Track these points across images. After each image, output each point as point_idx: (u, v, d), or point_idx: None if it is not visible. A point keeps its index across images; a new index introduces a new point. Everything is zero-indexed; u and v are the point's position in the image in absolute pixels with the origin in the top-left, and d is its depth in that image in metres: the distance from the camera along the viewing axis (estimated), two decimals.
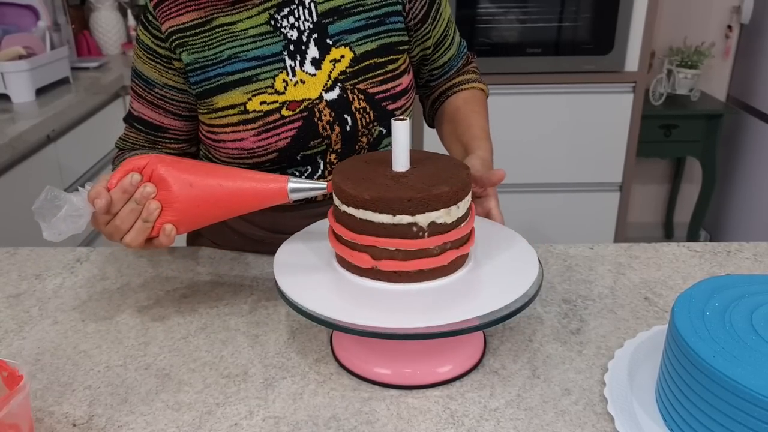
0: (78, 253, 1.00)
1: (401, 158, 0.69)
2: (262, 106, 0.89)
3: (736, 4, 2.72)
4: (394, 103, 0.93)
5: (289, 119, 0.89)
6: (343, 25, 0.90)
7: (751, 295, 0.63)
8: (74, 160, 1.94)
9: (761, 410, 0.51)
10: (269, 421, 0.64)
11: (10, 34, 2.01)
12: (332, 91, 0.90)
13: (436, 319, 0.62)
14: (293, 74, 0.90)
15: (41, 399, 0.68)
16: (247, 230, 1.02)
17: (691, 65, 2.65)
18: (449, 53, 1.05)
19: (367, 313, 0.64)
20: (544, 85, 2.28)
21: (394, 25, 0.93)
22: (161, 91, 0.93)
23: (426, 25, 0.97)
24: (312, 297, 0.67)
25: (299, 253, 0.77)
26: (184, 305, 0.85)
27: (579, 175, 2.40)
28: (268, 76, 0.89)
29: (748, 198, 2.74)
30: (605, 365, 0.71)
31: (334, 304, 0.66)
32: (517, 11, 2.24)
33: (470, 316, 0.63)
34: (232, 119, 0.89)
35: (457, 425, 0.63)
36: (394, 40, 0.93)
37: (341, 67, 0.90)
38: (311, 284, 0.70)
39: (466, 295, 0.67)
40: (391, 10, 0.92)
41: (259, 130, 0.89)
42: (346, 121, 0.91)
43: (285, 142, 0.90)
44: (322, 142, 0.92)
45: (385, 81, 0.92)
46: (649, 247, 1.00)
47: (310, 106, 0.90)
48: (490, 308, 0.63)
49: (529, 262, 0.72)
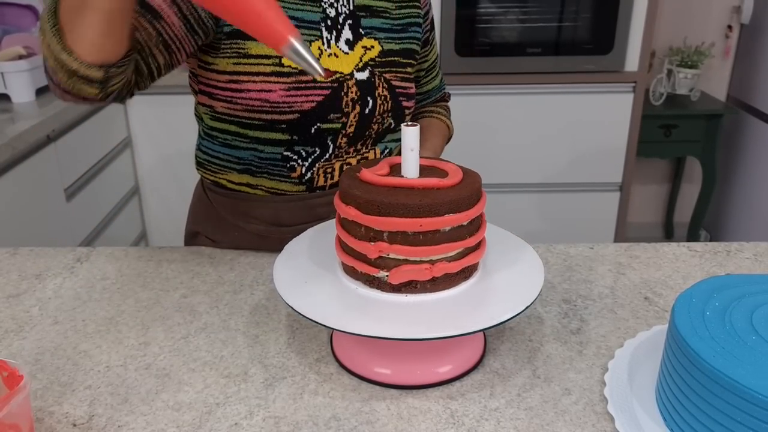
0: (78, 253, 1.00)
1: (411, 164, 0.69)
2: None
3: (736, 4, 2.72)
4: (407, 101, 1.00)
5: (320, 84, 0.91)
6: (374, 22, 0.97)
7: (751, 295, 0.63)
8: (74, 160, 1.94)
9: (761, 410, 0.51)
10: (269, 421, 0.64)
11: (10, 34, 2.01)
12: (363, 72, 0.95)
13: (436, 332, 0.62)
14: (328, 46, 0.93)
15: (41, 399, 0.68)
16: (246, 224, 1.02)
17: (691, 65, 2.65)
18: (433, 83, 1.16)
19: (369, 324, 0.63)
20: (544, 85, 2.28)
21: (414, 34, 1.01)
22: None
23: (427, 48, 1.08)
24: (313, 304, 0.66)
25: (301, 257, 0.76)
26: (184, 305, 0.85)
27: (579, 175, 2.40)
28: (305, 39, 0.89)
29: (748, 198, 2.73)
30: (605, 365, 0.71)
31: (335, 312, 0.65)
32: (517, 11, 2.24)
33: (473, 329, 0.62)
34: (265, 69, 0.89)
35: (457, 425, 0.63)
36: (413, 47, 1.01)
37: (371, 54, 0.96)
38: (312, 291, 0.69)
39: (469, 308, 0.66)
40: (413, 21, 1.01)
41: (291, 85, 0.90)
42: (368, 103, 0.95)
43: (310, 105, 0.91)
44: (340, 118, 0.93)
45: (404, 79, 1.00)
46: (649, 247, 1.00)
47: (341, 79, 0.93)
48: (492, 322, 0.63)
49: (534, 270, 0.72)
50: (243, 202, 1.01)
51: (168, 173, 2.39)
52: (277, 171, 0.96)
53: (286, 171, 0.96)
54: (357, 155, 0.98)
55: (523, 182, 2.41)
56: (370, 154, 1.00)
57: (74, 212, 1.92)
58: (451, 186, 0.67)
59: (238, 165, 0.98)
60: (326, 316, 0.64)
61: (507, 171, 2.38)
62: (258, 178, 0.98)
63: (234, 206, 1.02)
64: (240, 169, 0.98)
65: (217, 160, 1.00)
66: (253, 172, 0.98)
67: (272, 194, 0.99)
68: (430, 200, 0.64)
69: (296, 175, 0.96)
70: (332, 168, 0.97)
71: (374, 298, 0.67)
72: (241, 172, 0.98)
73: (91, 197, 2.04)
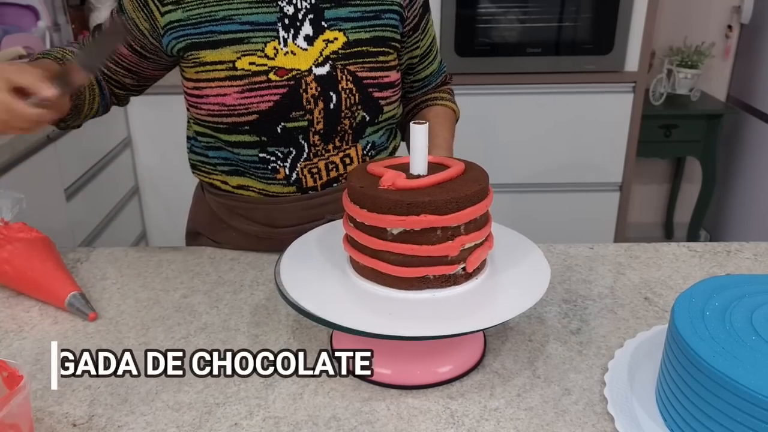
0: (78, 253, 1.00)
1: (419, 161, 0.69)
2: (251, 66, 0.90)
3: (736, 4, 2.72)
4: (380, 92, 0.96)
5: (275, 84, 0.91)
6: (340, 12, 0.93)
7: (751, 295, 0.63)
8: (74, 160, 1.94)
9: (761, 410, 0.51)
10: (269, 421, 0.64)
11: (10, 34, 2.01)
12: (322, 66, 0.92)
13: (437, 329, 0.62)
14: (285, 45, 0.91)
15: (41, 399, 0.68)
16: (244, 226, 1.02)
17: (691, 65, 2.65)
18: (431, 68, 1.11)
19: (370, 318, 0.64)
20: (544, 85, 2.28)
21: (388, 21, 0.96)
22: (127, 21, 0.93)
23: (417, 34, 1.03)
24: (315, 300, 0.67)
25: (305, 254, 0.76)
26: (184, 305, 0.85)
27: (579, 175, 2.40)
28: (259, 41, 0.90)
29: (748, 198, 2.73)
30: (605, 365, 0.71)
31: (336, 308, 0.66)
32: (517, 11, 2.23)
33: (474, 328, 0.63)
34: (219, 74, 0.90)
35: (457, 425, 0.63)
36: (387, 35, 0.96)
37: (333, 47, 0.93)
38: (315, 287, 0.70)
39: (473, 306, 0.67)
40: (387, 8, 0.96)
41: (244, 88, 0.90)
42: (331, 98, 0.93)
43: (267, 105, 0.91)
44: (304, 115, 0.92)
45: (375, 69, 0.95)
46: (649, 247, 1.00)
47: (298, 76, 0.91)
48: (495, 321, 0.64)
49: (540, 272, 0.72)
50: (237, 204, 1.01)
51: (168, 173, 2.39)
52: (261, 173, 0.97)
53: (270, 173, 0.96)
54: (339, 152, 0.97)
55: (524, 182, 2.41)
56: (352, 151, 0.98)
57: (74, 212, 1.92)
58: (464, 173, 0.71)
59: (226, 166, 0.99)
60: (338, 314, 0.65)
61: (507, 171, 2.38)
62: (248, 179, 0.98)
63: (230, 207, 1.02)
64: (228, 170, 0.99)
65: (206, 162, 1.01)
66: (242, 173, 0.98)
67: (264, 196, 0.99)
68: (477, 185, 0.68)
69: (281, 177, 0.96)
70: (317, 168, 0.97)
71: (384, 295, 0.68)
72: (229, 173, 0.99)
73: (91, 197, 2.04)
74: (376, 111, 0.97)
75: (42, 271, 0.85)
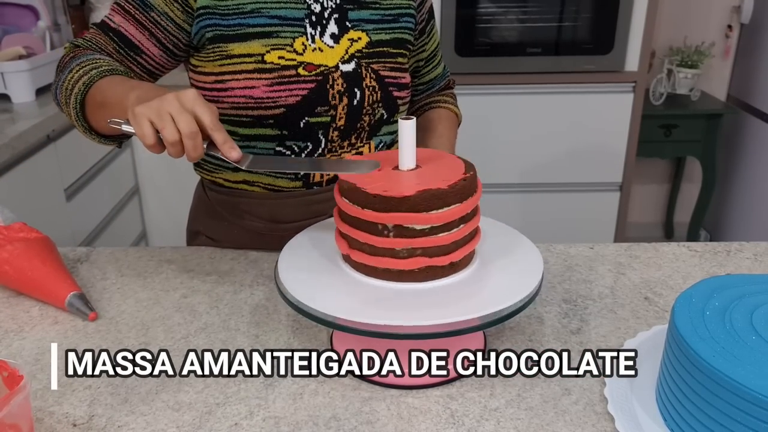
0: (78, 253, 1.00)
1: (407, 156, 0.71)
2: (280, 60, 0.91)
3: (736, 4, 2.72)
4: (398, 92, 0.99)
5: (303, 78, 0.92)
6: (362, 14, 0.97)
7: (751, 295, 0.63)
8: (74, 160, 1.94)
9: (761, 410, 0.51)
10: (269, 421, 0.64)
11: (10, 34, 2.01)
12: (348, 63, 0.94)
13: (434, 318, 0.63)
14: (312, 41, 0.93)
15: (41, 399, 0.68)
16: (247, 223, 1.02)
17: (691, 65, 2.65)
18: (436, 71, 1.15)
19: (368, 311, 0.64)
20: (544, 85, 2.28)
21: (406, 24, 1.00)
22: (157, 17, 0.91)
23: (424, 37, 1.07)
24: (312, 294, 0.67)
25: (301, 253, 0.77)
26: (184, 305, 0.85)
27: (579, 175, 2.40)
28: (288, 36, 0.91)
29: (748, 198, 2.73)
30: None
31: (334, 301, 0.66)
32: (517, 11, 2.23)
33: (471, 316, 0.63)
34: (247, 66, 0.90)
35: (457, 425, 0.63)
36: (405, 37, 1.00)
37: (358, 46, 0.95)
38: (312, 281, 0.70)
39: (468, 295, 0.67)
40: (404, 11, 1.00)
41: (273, 81, 0.91)
42: (355, 95, 0.95)
43: (295, 99, 0.91)
44: (328, 111, 0.93)
45: (394, 69, 0.99)
46: (649, 246, 1.00)
47: (326, 72, 0.93)
48: (490, 309, 0.64)
49: (533, 264, 0.73)
50: (241, 200, 1.01)
51: (168, 173, 2.39)
52: None
53: None
54: (352, 149, 0.98)
55: (524, 182, 2.41)
56: (365, 149, 0.99)
57: (74, 212, 1.92)
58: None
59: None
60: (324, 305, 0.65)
61: (507, 171, 2.38)
62: (255, 174, 0.98)
63: (233, 204, 1.02)
64: (234, 167, 0.98)
65: (212, 159, 1.00)
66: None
67: (270, 191, 0.99)
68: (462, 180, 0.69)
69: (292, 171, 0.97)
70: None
71: (389, 288, 0.69)
72: (235, 170, 0.99)
73: (91, 197, 2.04)
74: (393, 109, 1.00)
75: (42, 271, 0.85)
